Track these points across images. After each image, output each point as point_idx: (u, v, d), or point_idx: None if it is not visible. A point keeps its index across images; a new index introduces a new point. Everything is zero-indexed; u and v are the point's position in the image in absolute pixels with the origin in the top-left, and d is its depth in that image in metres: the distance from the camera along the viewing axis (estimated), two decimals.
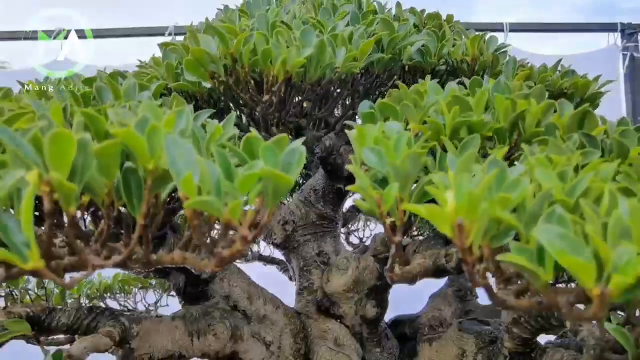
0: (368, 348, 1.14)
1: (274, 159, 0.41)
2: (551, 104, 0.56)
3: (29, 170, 0.35)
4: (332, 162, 1.05)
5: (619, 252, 0.29)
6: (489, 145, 0.57)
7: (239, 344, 0.93)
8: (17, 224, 0.32)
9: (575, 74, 0.87)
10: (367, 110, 0.64)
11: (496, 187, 0.38)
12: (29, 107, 0.55)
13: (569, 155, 0.44)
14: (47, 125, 0.40)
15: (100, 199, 0.42)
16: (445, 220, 0.35)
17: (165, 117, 0.42)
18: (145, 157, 0.37)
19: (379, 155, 0.48)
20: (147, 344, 0.82)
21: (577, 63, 3.17)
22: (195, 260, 0.50)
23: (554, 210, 0.35)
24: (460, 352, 1.01)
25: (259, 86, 0.65)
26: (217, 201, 0.34)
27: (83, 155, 0.37)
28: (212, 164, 0.37)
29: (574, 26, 2.79)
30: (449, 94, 0.63)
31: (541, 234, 0.32)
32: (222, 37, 0.58)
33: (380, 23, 0.76)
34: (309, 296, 1.14)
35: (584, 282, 0.31)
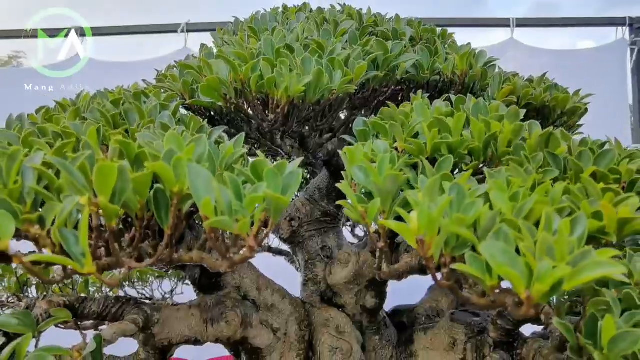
0: (368, 335, 1.23)
1: (276, 182, 0.50)
2: (521, 126, 0.64)
3: (81, 194, 0.44)
4: (335, 163, 1.14)
5: (540, 266, 0.38)
6: (465, 161, 0.66)
7: (248, 330, 1.03)
8: (76, 237, 0.42)
9: (557, 88, 0.94)
10: (361, 127, 0.73)
11: (456, 207, 0.47)
12: (68, 128, 0.64)
13: (526, 177, 0.53)
14: (90, 154, 0.49)
15: (134, 213, 0.51)
16: (411, 235, 0.44)
17: (186, 146, 0.51)
18: (171, 183, 0.46)
19: (365, 174, 0.57)
20: (167, 329, 0.93)
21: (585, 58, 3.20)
22: (211, 261, 0.60)
23: (501, 228, 0.44)
24: (452, 341, 1.10)
25: (265, 104, 0.74)
26: (229, 221, 0.43)
27: (122, 180, 0.46)
28: (225, 189, 0.46)
29: (582, 21, 2.80)
30: (434, 112, 0.72)
31: (485, 250, 0.41)
32: (232, 66, 0.67)
33: (375, 44, 0.84)
34: (313, 287, 1.23)
35: (516, 289, 0.40)
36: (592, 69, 2.84)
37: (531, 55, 2.82)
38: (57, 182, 0.47)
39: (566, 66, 2.84)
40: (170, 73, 0.90)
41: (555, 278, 0.37)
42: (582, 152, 0.61)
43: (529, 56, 2.81)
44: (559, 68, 2.84)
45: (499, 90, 0.87)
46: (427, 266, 0.45)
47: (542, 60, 2.84)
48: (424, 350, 1.18)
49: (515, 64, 2.80)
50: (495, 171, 0.55)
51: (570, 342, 0.50)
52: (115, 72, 2.81)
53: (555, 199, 0.51)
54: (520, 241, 0.43)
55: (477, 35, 2.79)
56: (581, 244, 0.44)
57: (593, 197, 0.55)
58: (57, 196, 0.47)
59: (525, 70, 3.01)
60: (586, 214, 0.50)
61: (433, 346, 1.15)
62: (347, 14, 1.08)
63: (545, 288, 0.37)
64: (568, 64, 2.84)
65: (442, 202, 0.43)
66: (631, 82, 2.82)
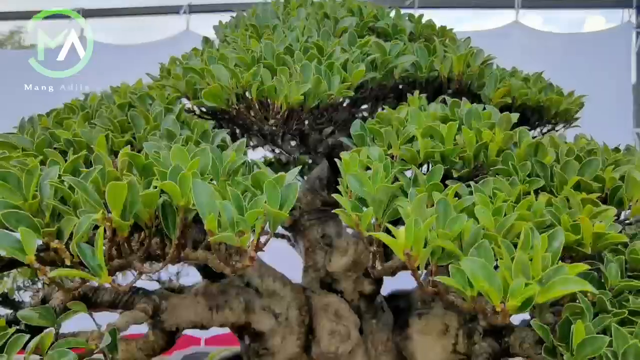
0: (365, 319, 1.29)
1: (275, 193, 0.53)
2: (511, 136, 0.66)
3: (95, 209, 0.48)
4: (336, 156, 1.17)
5: (514, 284, 0.42)
6: (457, 167, 0.69)
7: (251, 316, 1.08)
8: (92, 251, 0.46)
9: (552, 88, 0.96)
10: (358, 131, 0.76)
11: (442, 222, 0.50)
12: (79, 136, 0.68)
13: (510, 190, 0.56)
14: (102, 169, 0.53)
15: (143, 223, 0.55)
16: (399, 249, 0.48)
17: (190, 159, 0.54)
18: (178, 197, 0.50)
19: (360, 183, 0.60)
20: (175, 316, 0.98)
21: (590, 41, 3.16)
22: (215, 262, 0.64)
23: (483, 244, 0.48)
24: (445, 327, 1.15)
25: (266, 108, 0.76)
26: (232, 236, 0.47)
27: (132, 194, 0.50)
28: (228, 203, 0.50)
29: (588, 2, 2.76)
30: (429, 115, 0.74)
31: (466, 265, 0.45)
32: (233, 73, 0.69)
33: (374, 45, 0.86)
34: (314, 274, 1.28)
35: (492, 301, 0.44)
36: (597, 51, 2.82)
37: (536, 38, 2.79)
38: (73, 197, 0.50)
39: (571, 49, 2.82)
40: (173, 72, 0.92)
41: (526, 295, 0.41)
42: (567, 162, 0.64)
43: (533, 39, 2.78)
44: (563, 51, 2.82)
45: (495, 91, 0.89)
46: (414, 276, 0.49)
47: (547, 43, 2.81)
48: (419, 335, 1.23)
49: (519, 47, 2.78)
50: (483, 182, 0.58)
51: (545, 342, 0.55)
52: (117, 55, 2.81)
53: (537, 212, 0.54)
54: (500, 256, 0.47)
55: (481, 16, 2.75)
56: (556, 258, 0.48)
57: (574, 209, 0.58)
58: (73, 209, 0.51)
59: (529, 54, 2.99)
60: (565, 227, 0.53)
61: (427, 331, 1.20)
62: (347, 8, 1.08)
63: (518, 304, 0.41)
64: (573, 47, 2.82)
65: (428, 220, 0.46)
66: (635, 66, 2.80)
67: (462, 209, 0.53)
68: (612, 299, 0.59)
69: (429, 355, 1.19)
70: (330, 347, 1.18)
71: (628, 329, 0.52)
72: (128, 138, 0.70)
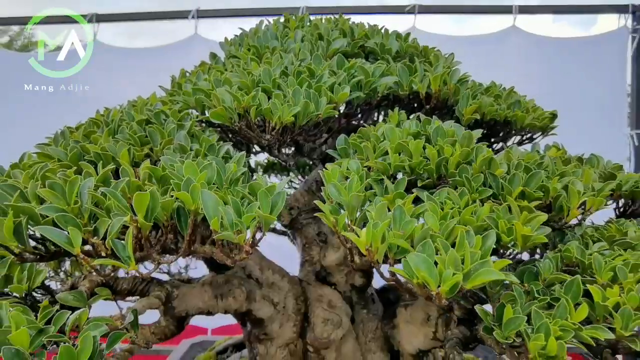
0: (356, 310, 1.43)
1: (266, 201, 0.67)
2: (468, 152, 0.79)
3: (124, 212, 0.62)
4: (330, 160, 1.30)
5: (445, 274, 0.55)
6: (422, 177, 0.82)
7: (252, 304, 1.23)
8: (123, 245, 0.60)
9: (521, 103, 1.08)
10: (342, 145, 0.89)
11: (398, 224, 0.64)
12: (106, 150, 0.82)
13: (459, 200, 0.69)
14: (128, 180, 0.67)
15: (161, 223, 0.69)
16: (362, 246, 0.61)
17: (199, 172, 0.68)
18: (189, 204, 0.64)
19: (337, 191, 0.74)
20: (184, 303, 1.13)
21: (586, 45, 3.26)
22: (219, 255, 0.78)
23: (427, 242, 0.61)
24: (426, 316, 1.28)
25: (263, 125, 0.90)
26: (232, 234, 0.61)
27: (153, 201, 0.64)
28: (229, 208, 0.63)
29: (585, 8, 2.85)
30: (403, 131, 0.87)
31: (411, 259, 0.58)
32: (235, 97, 0.83)
33: (358, 68, 0.99)
34: (310, 267, 1.42)
35: (430, 288, 0.57)
36: (593, 55, 2.91)
37: (533, 42, 2.89)
38: (106, 203, 0.64)
39: (567, 53, 2.92)
40: (184, 89, 1.06)
41: (453, 281, 0.54)
42: (514, 174, 0.77)
43: (530, 44, 2.88)
44: (560, 55, 2.92)
45: (467, 107, 1.01)
46: (375, 267, 0.63)
47: (543, 48, 2.91)
48: (405, 323, 1.37)
49: (516, 52, 2.88)
50: (438, 192, 0.71)
51: (485, 323, 0.68)
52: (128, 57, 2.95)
53: (480, 217, 0.68)
54: (440, 253, 0.60)
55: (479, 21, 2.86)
56: (487, 254, 0.61)
57: (514, 214, 0.71)
58: (106, 213, 0.65)
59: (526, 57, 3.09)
60: (502, 230, 0.67)
61: (412, 320, 1.34)
62: (340, 29, 1.21)
63: (447, 289, 0.54)
64: (569, 51, 2.91)
65: (384, 222, 0.60)
66: (631, 70, 2.89)
67: (418, 213, 0.67)
68: (545, 288, 0.72)
69: (413, 342, 1.32)
70: (324, 333, 1.32)
71: (549, 312, 0.65)
72: (147, 151, 0.84)
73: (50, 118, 3.09)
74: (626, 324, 0.63)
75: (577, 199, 0.79)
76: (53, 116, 3.00)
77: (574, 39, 2.94)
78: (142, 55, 2.93)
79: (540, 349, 0.59)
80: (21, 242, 0.63)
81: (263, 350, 1.31)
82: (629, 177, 1.07)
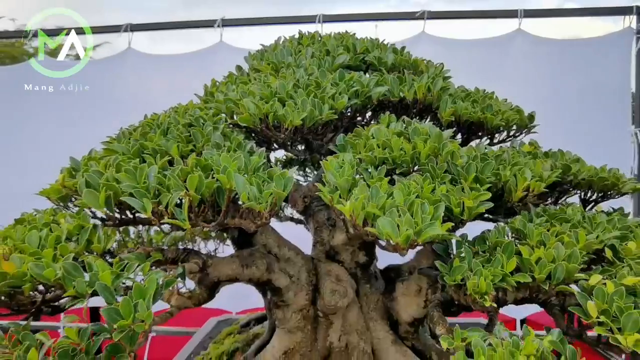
0: (361, 284, 1.69)
1: (280, 182, 0.95)
2: (435, 146, 1.05)
3: (180, 190, 0.90)
4: None
5: (401, 230, 0.81)
6: (401, 166, 1.08)
7: (272, 275, 1.50)
8: (181, 211, 0.88)
9: (491, 108, 1.32)
10: (341, 142, 1.16)
11: (374, 198, 0.90)
12: (160, 146, 1.10)
13: (422, 183, 0.95)
14: (182, 167, 0.95)
15: (205, 198, 0.97)
16: (347, 212, 0.88)
17: (232, 161, 0.96)
18: (225, 183, 0.91)
19: (334, 177, 1.01)
20: (217, 271, 1.41)
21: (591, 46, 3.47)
22: (245, 224, 1.06)
23: (393, 211, 0.87)
24: (419, 288, 1.54)
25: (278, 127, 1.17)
26: (255, 204, 0.88)
27: (200, 183, 0.92)
28: (253, 187, 0.91)
29: (590, 10, 3.02)
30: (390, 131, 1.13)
31: (379, 222, 0.84)
32: (257, 106, 1.11)
33: (356, 80, 1.25)
34: (320, 247, 1.69)
35: (392, 240, 0.83)
36: (598, 56, 3.09)
37: (538, 45, 3.08)
38: (166, 182, 0.93)
39: (572, 54, 3.10)
40: (216, 97, 1.34)
41: (406, 235, 0.80)
42: (470, 164, 1.02)
43: (536, 46, 3.07)
44: (565, 56, 3.10)
45: (446, 110, 1.27)
46: (357, 229, 0.89)
47: (549, 50, 3.10)
48: (402, 296, 1.62)
49: (522, 54, 3.08)
50: (409, 177, 0.97)
51: (442, 273, 0.94)
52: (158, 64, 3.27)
53: (437, 194, 0.93)
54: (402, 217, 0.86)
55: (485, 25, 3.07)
56: (438, 219, 0.87)
57: (466, 193, 0.97)
58: (166, 189, 0.93)
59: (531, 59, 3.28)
60: (453, 204, 0.92)
61: (407, 292, 1.60)
62: (344, 45, 1.48)
63: (402, 240, 0.80)
64: (575, 52, 3.10)
65: (361, 196, 0.86)
66: (635, 69, 3.05)
67: (390, 191, 0.93)
68: (490, 249, 0.97)
69: (408, 311, 1.58)
70: (331, 302, 1.58)
71: (489, 265, 0.90)
72: (191, 147, 1.12)
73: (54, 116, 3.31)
74: (542, 271, 0.88)
75: (522, 183, 1.04)
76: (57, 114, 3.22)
77: (579, 40, 3.11)
78: (171, 61, 3.25)
79: (474, 287, 0.84)
80: (109, 209, 0.92)
81: (281, 315, 1.58)
82: (586, 168, 1.30)
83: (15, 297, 0.97)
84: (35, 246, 0.99)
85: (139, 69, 3.23)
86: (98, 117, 3.06)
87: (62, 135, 3.17)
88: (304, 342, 1.56)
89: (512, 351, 0.82)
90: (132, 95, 3.24)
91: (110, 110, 3.02)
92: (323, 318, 1.60)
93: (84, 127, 2.80)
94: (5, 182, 3.37)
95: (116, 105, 3.10)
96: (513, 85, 3.16)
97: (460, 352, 0.82)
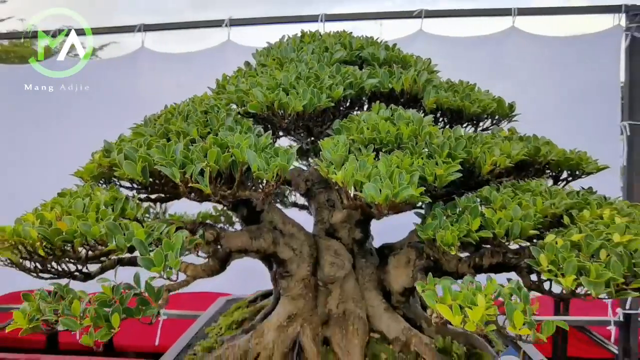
0: (357, 259, 1.90)
1: (285, 157, 1.16)
2: (415, 129, 1.25)
3: (202, 162, 1.12)
4: None
5: (383, 191, 1.02)
6: (388, 145, 1.28)
7: (277, 248, 1.72)
8: (203, 178, 1.09)
9: (473, 94, 1.52)
10: (336, 126, 1.37)
11: (361, 169, 1.11)
12: (182, 128, 1.32)
13: (402, 157, 1.15)
14: (202, 145, 1.16)
15: (222, 170, 1.18)
16: (339, 180, 1.09)
17: (244, 140, 1.17)
18: (239, 157, 1.13)
19: (330, 154, 1.21)
20: (229, 242, 1.63)
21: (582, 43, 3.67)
22: (254, 194, 1.27)
23: (377, 178, 1.08)
24: (408, 259, 1.74)
25: (282, 113, 1.38)
26: (263, 174, 1.09)
27: (218, 156, 1.13)
28: (262, 161, 1.12)
29: (581, 9, 3.20)
30: (378, 116, 1.34)
31: (365, 187, 1.05)
32: (264, 94, 1.32)
33: (350, 73, 1.46)
34: (321, 225, 1.90)
35: (375, 200, 1.03)
36: (589, 53, 3.28)
37: (532, 42, 3.27)
38: (190, 156, 1.14)
39: (564, 51, 3.29)
40: (228, 89, 1.55)
41: (384, 195, 1.01)
42: (444, 142, 1.22)
43: (529, 43, 3.26)
44: (557, 53, 3.30)
45: (429, 99, 1.47)
46: (346, 192, 1.10)
47: (542, 47, 3.30)
48: (394, 268, 1.83)
49: (516, 51, 3.27)
50: (392, 153, 1.18)
51: (420, 230, 1.14)
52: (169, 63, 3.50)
53: (414, 166, 1.14)
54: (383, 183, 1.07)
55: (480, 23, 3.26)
56: (413, 185, 1.07)
57: (440, 166, 1.17)
58: (190, 162, 1.14)
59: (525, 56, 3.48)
60: (428, 173, 1.13)
61: (398, 265, 1.80)
62: (342, 42, 1.69)
63: (382, 199, 1.01)
64: (566, 49, 3.29)
65: (350, 166, 1.07)
66: (624, 65, 3.23)
67: (375, 164, 1.13)
68: (461, 213, 1.17)
69: (399, 281, 1.79)
70: (330, 272, 1.79)
71: (457, 223, 1.11)
72: (208, 130, 1.34)
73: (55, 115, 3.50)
74: (501, 227, 1.08)
75: (489, 158, 1.24)
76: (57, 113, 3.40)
77: (571, 38, 3.30)
78: (182, 59, 3.48)
79: (441, 239, 1.05)
80: (144, 177, 1.14)
81: (285, 285, 1.79)
82: (555, 150, 1.50)
83: (66, 252, 1.19)
84: (80, 211, 1.21)
85: (152, 67, 3.45)
86: (114, 113, 3.29)
87: (76, 135, 3.38)
88: (306, 308, 1.77)
89: (474, 291, 1.02)
90: (146, 91, 3.46)
91: (125, 107, 3.25)
92: (323, 287, 1.81)
93: (103, 123, 3.03)
94: (5, 182, 3.58)
95: (130, 101, 3.33)
96: (507, 80, 3.36)
97: (430, 291, 1.02)
